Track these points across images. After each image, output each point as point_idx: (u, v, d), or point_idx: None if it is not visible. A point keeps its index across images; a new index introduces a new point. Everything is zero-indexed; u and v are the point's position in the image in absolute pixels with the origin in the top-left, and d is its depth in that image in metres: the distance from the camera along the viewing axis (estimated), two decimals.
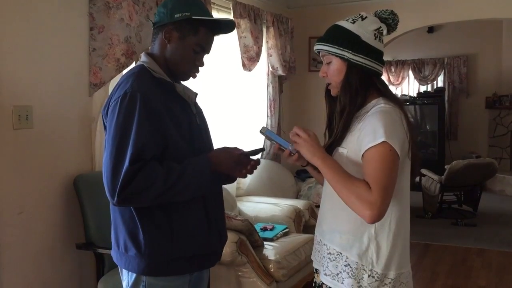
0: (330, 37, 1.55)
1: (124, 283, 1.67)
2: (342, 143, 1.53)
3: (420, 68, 9.40)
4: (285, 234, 3.63)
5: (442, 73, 9.23)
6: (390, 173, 1.40)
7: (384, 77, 9.92)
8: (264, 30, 4.58)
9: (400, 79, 9.62)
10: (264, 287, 2.97)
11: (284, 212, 3.90)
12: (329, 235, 1.58)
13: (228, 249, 2.89)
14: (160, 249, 1.57)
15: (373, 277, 1.49)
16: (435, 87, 9.28)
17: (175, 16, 1.60)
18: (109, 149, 1.49)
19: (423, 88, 9.48)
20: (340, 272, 1.52)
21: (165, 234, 1.58)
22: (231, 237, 2.94)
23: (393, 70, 9.55)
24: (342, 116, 1.53)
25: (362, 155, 1.45)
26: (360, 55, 1.50)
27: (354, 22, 1.53)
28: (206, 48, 1.69)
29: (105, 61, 2.80)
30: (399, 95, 9.08)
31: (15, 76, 2.42)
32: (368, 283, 1.48)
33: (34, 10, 2.50)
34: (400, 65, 9.52)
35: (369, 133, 1.43)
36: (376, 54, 1.53)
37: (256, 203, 4.16)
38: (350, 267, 1.50)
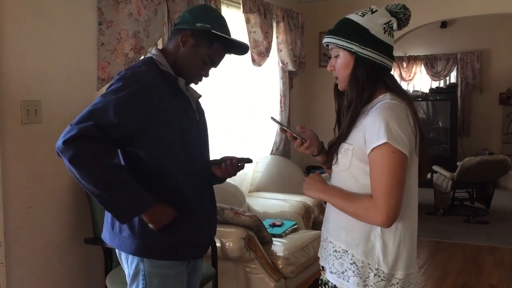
0: (339, 30, 1.53)
1: (126, 273, 1.75)
2: (348, 139, 1.50)
3: (432, 64, 9.30)
4: (294, 230, 3.61)
5: (455, 68, 9.12)
6: (394, 175, 1.39)
7: (395, 73, 9.88)
8: (274, 25, 4.54)
9: (412, 75, 9.52)
10: (272, 283, 2.96)
11: (293, 208, 3.88)
12: (335, 232, 1.56)
13: (236, 245, 2.89)
14: (153, 233, 1.63)
15: (379, 276, 1.46)
16: (447, 83, 9.18)
17: (197, 24, 1.69)
18: (90, 106, 1.55)
19: (435, 84, 9.37)
20: (346, 270, 1.50)
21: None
22: (239, 233, 2.93)
23: (405, 65, 9.45)
24: (349, 110, 1.51)
25: (368, 155, 1.44)
26: (368, 49, 1.48)
27: (363, 15, 1.51)
28: (215, 61, 1.78)
29: (114, 56, 2.79)
30: (410, 91, 8.99)
31: (23, 70, 2.42)
32: (374, 282, 1.46)
33: (43, 5, 2.50)
34: (412, 60, 9.42)
35: (372, 132, 1.42)
36: (385, 48, 1.50)
37: (266, 199, 4.15)
38: (356, 265, 1.48)
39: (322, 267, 1.64)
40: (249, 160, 1.83)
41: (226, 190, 3.69)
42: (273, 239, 3.27)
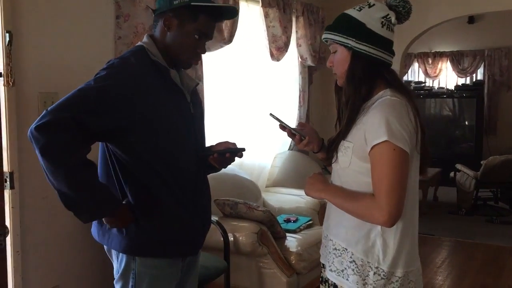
0: (336, 25, 1.52)
1: (114, 268, 1.69)
2: (348, 137, 1.48)
3: (459, 60, 9.09)
4: (309, 226, 3.59)
5: (482, 65, 8.90)
6: (396, 173, 1.37)
7: (421, 69, 9.64)
8: (294, 19, 4.51)
9: (437, 71, 9.33)
10: (284, 278, 2.96)
11: (308, 204, 3.87)
12: (335, 229, 1.55)
13: (248, 239, 2.89)
14: (143, 228, 1.59)
15: (379, 274, 1.44)
16: (474, 80, 8.97)
17: (174, 3, 1.60)
18: (71, 93, 1.49)
19: (461, 81, 9.17)
20: (345, 268, 1.49)
21: (149, 215, 1.59)
22: (252, 227, 2.94)
23: (430, 61, 9.26)
24: (347, 107, 1.49)
25: (369, 153, 1.41)
26: (365, 44, 1.45)
27: (360, 10, 1.49)
28: (207, 33, 1.67)
29: None
30: (436, 88, 8.82)
31: (41, 63, 2.46)
32: (374, 281, 1.44)
33: None
34: (438, 56, 9.22)
35: (372, 130, 1.39)
36: (383, 43, 1.47)
37: (282, 195, 4.14)
38: (356, 263, 1.46)
39: (323, 264, 1.63)
40: (238, 150, 1.71)
41: (243, 184, 3.70)
42: (287, 234, 3.27)
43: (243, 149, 1.71)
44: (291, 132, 1.61)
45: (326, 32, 1.54)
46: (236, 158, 1.75)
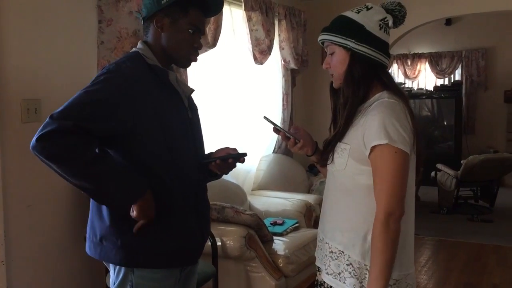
0: (334, 26, 1.52)
1: (111, 279, 1.65)
2: (344, 138, 1.49)
3: (437, 61, 9.24)
4: (295, 229, 3.60)
5: (460, 66, 9.07)
6: (397, 176, 1.38)
7: (400, 71, 9.79)
8: (276, 22, 4.53)
9: (416, 72, 9.47)
10: (272, 282, 2.95)
11: (294, 207, 3.87)
12: (331, 233, 1.54)
13: (236, 244, 2.88)
14: (142, 238, 1.53)
15: None
16: (452, 81, 9.13)
17: (162, 2, 1.59)
18: (72, 100, 1.46)
19: (440, 82, 9.32)
20: (342, 271, 1.49)
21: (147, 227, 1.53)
22: (240, 231, 2.93)
23: (409, 63, 9.40)
24: (345, 109, 1.49)
25: (368, 156, 1.42)
26: (364, 45, 1.46)
27: (359, 12, 1.50)
28: (200, 28, 1.66)
29: (114, 54, 2.79)
30: (415, 89, 8.95)
31: (23, 69, 2.42)
32: None
33: (43, 3, 2.50)
34: (417, 58, 9.36)
35: (372, 132, 1.40)
36: (381, 45, 1.49)
37: (267, 198, 4.14)
38: (352, 266, 1.47)
39: (318, 268, 1.63)
40: (240, 155, 1.68)
41: (228, 188, 3.69)
42: (274, 237, 3.27)
43: (245, 154, 1.69)
44: (285, 135, 1.61)
45: (324, 33, 1.54)
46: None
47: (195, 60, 1.72)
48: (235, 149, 1.73)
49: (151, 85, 1.56)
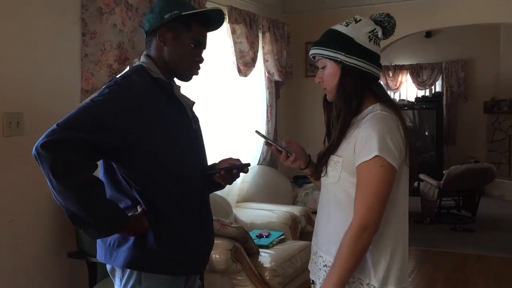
0: (324, 40, 1.53)
1: (116, 284, 1.64)
2: (338, 151, 1.49)
3: (418, 73, 9.39)
4: (281, 241, 3.59)
5: (440, 77, 9.23)
6: (379, 189, 1.39)
7: (382, 82, 9.97)
8: (260, 35, 4.55)
9: (398, 84, 9.60)
10: None
11: (280, 219, 3.86)
12: (325, 246, 1.54)
13: (222, 257, 2.86)
14: (149, 246, 1.55)
15: None
16: (433, 92, 9.28)
17: (165, 17, 1.61)
18: (77, 110, 1.45)
19: (421, 93, 9.46)
20: None
21: (157, 233, 1.56)
22: (226, 244, 2.91)
23: (391, 74, 9.54)
24: (338, 121, 1.50)
25: (356, 166, 1.43)
26: (354, 57, 1.47)
27: (347, 25, 1.51)
28: (201, 42, 1.68)
29: (97, 67, 2.77)
30: (397, 100, 9.07)
31: (5, 82, 2.39)
32: None
33: (26, 16, 2.48)
34: (398, 69, 9.51)
35: (363, 145, 1.41)
36: (371, 57, 1.50)
37: (252, 210, 4.13)
38: None
39: (312, 281, 1.62)
40: (244, 166, 1.69)
41: (213, 200, 3.62)
42: (260, 250, 3.25)
43: (248, 164, 1.71)
44: (277, 149, 1.60)
45: (314, 48, 1.55)
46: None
47: (197, 73, 1.74)
48: (238, 160, 1.74)
49: (158, 98, 1.58)
